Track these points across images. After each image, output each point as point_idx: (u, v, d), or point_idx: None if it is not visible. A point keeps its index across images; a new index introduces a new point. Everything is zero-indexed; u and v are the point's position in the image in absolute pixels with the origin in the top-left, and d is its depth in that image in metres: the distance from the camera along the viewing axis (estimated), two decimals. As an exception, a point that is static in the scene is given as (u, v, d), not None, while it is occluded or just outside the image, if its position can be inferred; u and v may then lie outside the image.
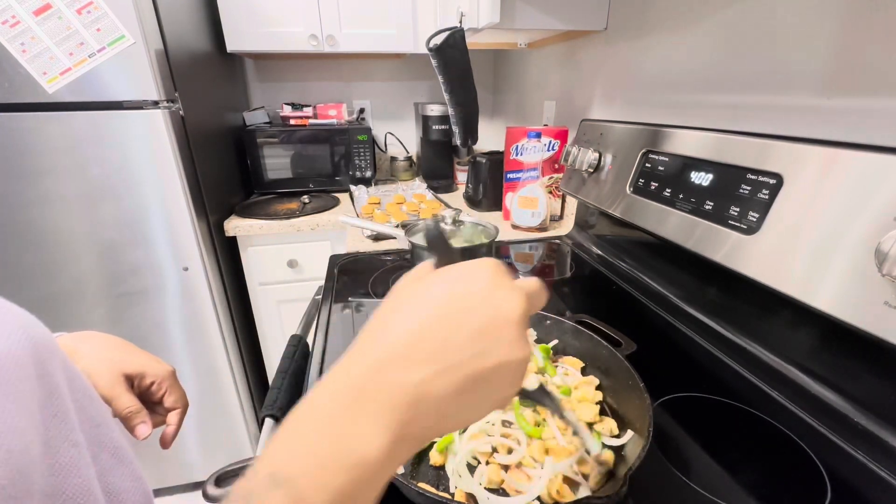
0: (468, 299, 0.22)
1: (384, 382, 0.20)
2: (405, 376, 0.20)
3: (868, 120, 0.52)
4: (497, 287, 0.23)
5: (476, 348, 0.21)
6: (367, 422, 0.19)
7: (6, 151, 1.05)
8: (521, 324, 0.23)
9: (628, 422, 0.47)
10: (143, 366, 0.49)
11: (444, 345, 0.21)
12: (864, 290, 0.44)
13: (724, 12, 0.71)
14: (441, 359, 0.21)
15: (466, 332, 0.21)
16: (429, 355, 0.21)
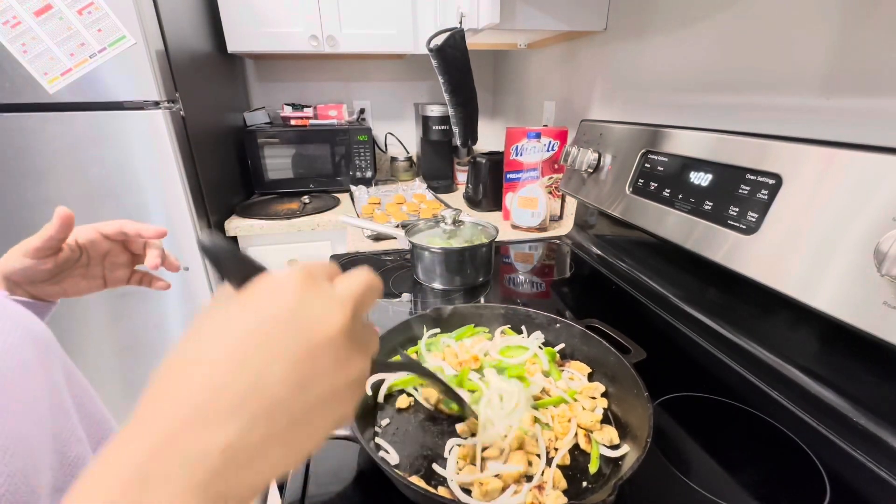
0: (273, 326, 0.18)
1: (177, 456, 0.15)
2: (206, 441, 0.15)
3: (867, 120, 0.52)
4: (306, 303, 0.19)
5: (292, 382, 0.17)
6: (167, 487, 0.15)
7: (7, 151, 1.05)
8: (343, 338, 0.19)
9: (630, 431, 0.46)
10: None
11: (252, 389, 0.17)
12: (864, 290, 0.44)
13: (724, 12, 0.71)
14: (251, 407, 0.16)
15: (279, 367, 0.17)
16: (234, 407, 0.16)
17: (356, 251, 1.07)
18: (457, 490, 0.42)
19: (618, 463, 0.45)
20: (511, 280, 0.94)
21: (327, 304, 0.19)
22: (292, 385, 0.17)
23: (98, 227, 0.46)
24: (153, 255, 0.48)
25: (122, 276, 0.50)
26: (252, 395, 0.16)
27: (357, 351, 0.20)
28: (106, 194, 1.13)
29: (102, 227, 0.46)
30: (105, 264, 0.48)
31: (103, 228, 0.46)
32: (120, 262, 0.49)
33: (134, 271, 0.51)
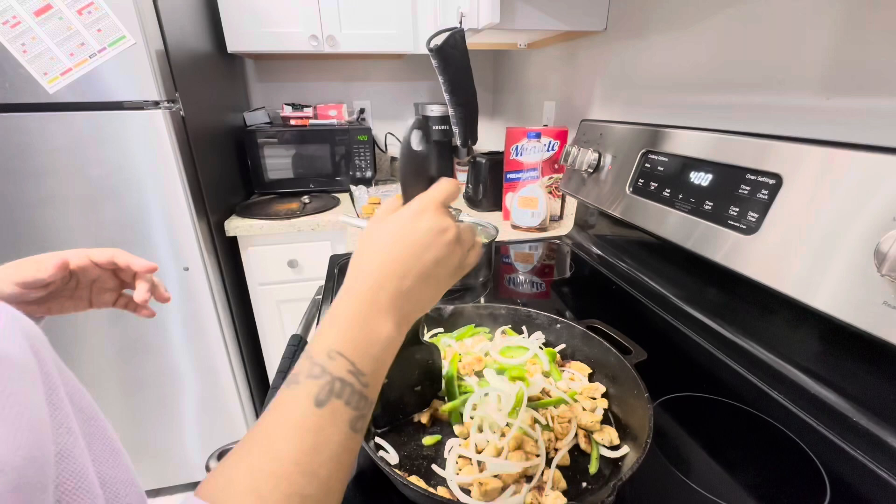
0: (425, 234, 0.32)
1: (384, 292, 0.30)
2: (396, 287, 0.31)
3: (867, 120, 0.52)
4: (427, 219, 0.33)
5: (434, 261, 0.32)
6: (382, 316, 0.30)
7: (7, 151, 1.05)
8: (450, 234, 0.33)
9: (630, 432, 0.46)
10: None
11: (408, 264, 0.31)
12: (864, 290, 0.44)
13: (724, 12, 0.71)
14: (415, 273, 0.31)
15: (429, 254, 0.32)
16: (407, 273, 0.31)
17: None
18: (456, 490, 0.42)
19: (618, 464, 0.45)
20: (511, 280, 0.94)
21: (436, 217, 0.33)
22: (434, 263, 0.32)
23: (90, 255, 0.47)
24: (142, 289, 0.49)
25: (107, 299, 0.51)
26: (409, 268, 0.31)
27: (462, 244, 0.34)
28: (106, 194, 1.13)
29: (94, 255, 0.47)
30: (93, 288, 0.49)
31: (95, 256, 0.47)
32: (107, 287, 0.50)
33: (121, 295, 0.51)
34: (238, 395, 1.44)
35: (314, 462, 0.23)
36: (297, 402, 0.25)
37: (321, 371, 0.26)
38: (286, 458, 0.23)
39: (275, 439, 0.24)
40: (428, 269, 0.32)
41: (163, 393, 1.36)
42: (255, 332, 1.52)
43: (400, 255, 0.31)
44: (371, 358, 0.28)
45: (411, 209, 0.33)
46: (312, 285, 1.10)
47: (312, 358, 0.27)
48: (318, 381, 0.25)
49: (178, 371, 1.35)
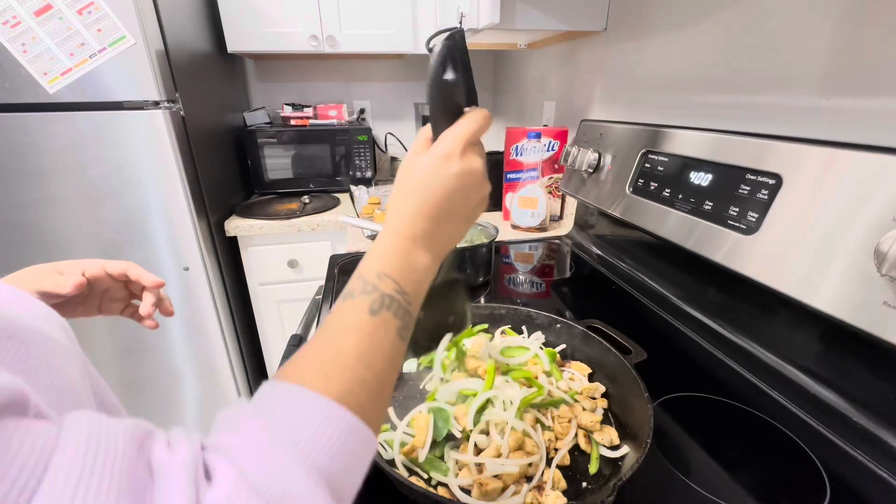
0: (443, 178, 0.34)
1: (420, 230, 0.34)
2: (428, 226, 0.34)
3: (868, 120, 0.52)
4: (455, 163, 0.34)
5: (462, 202, 0.36)
6: (419, 249, 0.34)
7: (7, 151, 1.05)
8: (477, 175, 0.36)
9: (630, 431, 0.47)
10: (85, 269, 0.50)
11: (439, 206, 0.34)
12: (864, 290, 0.44)
13: (724, 12, 0.71)
14: (441, 213, 0.34)
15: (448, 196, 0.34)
16: (435, 214, 0.34)
17: (356, 251, 1.07)
18: (456, 490, 0.42)
19: (617, 464, 0.45)
20: (511, 280, 0.94)
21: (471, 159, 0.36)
22: (462, 203, 0.36)
23: (105, 266, 0.50)
24: (148, 302, 0.52)
25: (116, 308, 0.53)
26: (445, 209, 0.34)
27: (486, 180, 0.37)
28: (106, 194, 1.13)
29: (109, 267, 0.50)
30: (103, 297, 0.52)
31: (109, 268, 0.50)
32: (118, 297, 0.53)
33: (129, 304, 0.54)
34: (238, 395, 1.44)
35: (370, 356, 0.27)
36: (355, 310, 0.29)
37: (373, 288, 0.30)
38: (349, 352, 0.27)
39: (337, 337, 0.28)
40: (456, 209, 0.35)
41: (163, 393, 1.36)
42: (255, 332, 1.52)
43: (432, 198, 0.34)
44: (412, 282, 0.32)
45: (441, 151, 0.35)
46: (312, 285, 1.10)
47: (364, 277, 0.31)
48: (370, 295, 0.30)
49: (178, 371, 1.35)
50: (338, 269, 0.96)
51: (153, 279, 0.52)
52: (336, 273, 0.94)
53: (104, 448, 0.17)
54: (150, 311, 0.51)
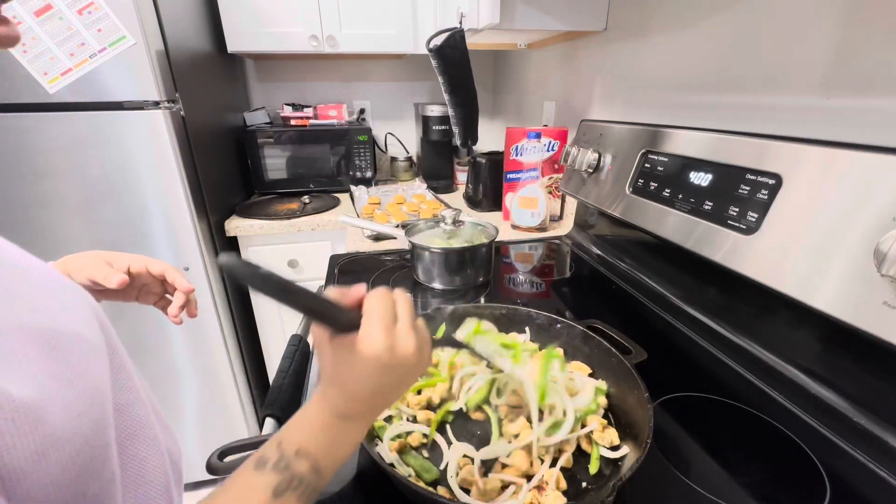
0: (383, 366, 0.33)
1: (353, 410, 0.34)
2: (369, 406, 0.34)
3: (868, 120, 0.52)
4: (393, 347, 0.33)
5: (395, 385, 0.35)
6: (353, 427, 0.34)
7: (7, 152, 1.05)
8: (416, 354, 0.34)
9: (630, 432, 0.46)
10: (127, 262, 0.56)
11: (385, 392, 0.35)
12: (864, 290, 0.44)
13: (724, 12, 0.71)
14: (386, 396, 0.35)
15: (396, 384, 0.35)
16: (380, 397, 0.35)
17: (356, 251, 1.07)
18: (456, 489, 0.42)
19: (617, 464, 0.45)
20: (511, 280, 0.94)
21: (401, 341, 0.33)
22: (395, 386, 0.35)
23: (148, 264, 0.57)
24: (176, 304, 0.58)
25: (151, 299, 0.60)
26: (392, 392, 0.35)
27: (423, 353, 0.35)
28: (106, 194, 1.13)
29: (151, 266, 0.57)
30: (141, 290, 0.59)
31: (151, 267, 0.57)
32: (154, 291, 0.60)
33: (162, 297, 0.61)
34: (238, 395, 1.44)
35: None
36: (258, 488, 0.29)
37: (286, 466, 0.30)
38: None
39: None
40: (390, 393, 0.36)
41: (163, 393, 1.36)
42: (255, 332, 1.52)
43: (365, 390, 0.33)
44: (333, 458, 0.33)
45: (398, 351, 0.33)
46: (312, 285, 1.09)
47: (282, 449, 0.31)
48: (281, 474, 0.30)
49: (178, 371, 1.35)
50: (338, 269, 0.96)
51: (186, 285, 0.58)
52: (336, 273, 0.94)
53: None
54: (177, 311, 0.58)
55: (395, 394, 0.36)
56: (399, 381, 0.35)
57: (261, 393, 1.59)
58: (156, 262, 0.57)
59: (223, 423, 1.46)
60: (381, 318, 0.33)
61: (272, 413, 0.58)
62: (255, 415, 1.53)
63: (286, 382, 0.65)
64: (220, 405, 1.44)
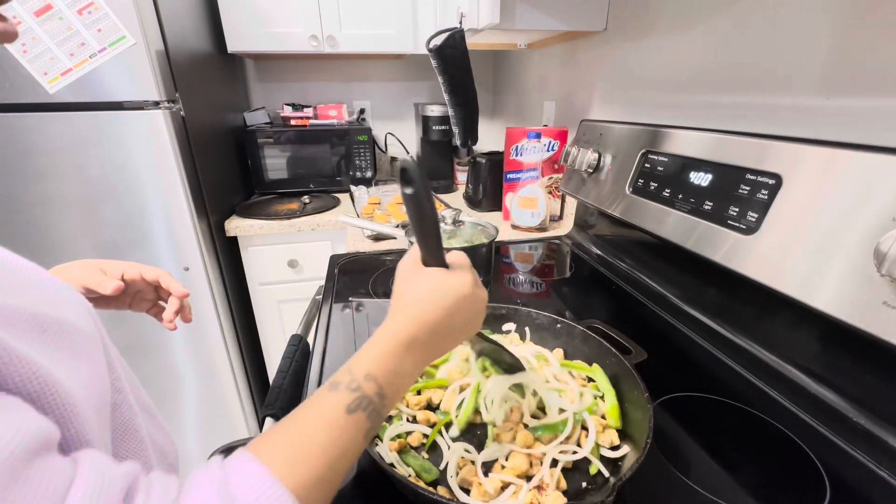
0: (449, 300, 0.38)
1: (417, 341, 0.36)
2: (426, 338, 0.37)
3: (868, 120, 0.52)
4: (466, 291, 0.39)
5: (457, 320, 0.38)
6: (411, 358, 0.36)
7: (7, 151, 1.05)
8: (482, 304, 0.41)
9: (630, 432, 0.47)
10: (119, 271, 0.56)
11: (441, 323, 0.37)
12: (864, 290, 0.44)
13: (724, 13, 0.71)
14: (441, 329, 0.37)
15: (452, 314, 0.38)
16: (435, 329, 0.37)
17: (356, 251, 1.07)
18: (456, 489, 0.42)
19: (618, 464, 0.45)
20: (511, 280, 0.94)
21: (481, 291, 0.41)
22: (462, 323, 0.39)
23: (142, 271, 0.57)
24: (171, 309, 0.58)
25: (144, 306, 0.60)
26: (445, 326, 0.38)
27: (479, 300, 0.40)
28: (106, 194, 1.13)
29: (145, 273, 0.57)
30: (135, 296, 0.59)
31: (146, 274, 0.57)
32: (148, 298, 0.60)
33: (155, 304, 0.61)
34: (238, 395, 1.44)
35: (335, 453, 0.29)
36: (334, 406, 0.31)
37: (357, 387, 0.32)
38: (318, 445, 0.29)
39: (312, 427, 0.30)
40: (455, 327, 0.38)
41: (163, 393, 1.36)
42: (255, 332, 1.52)
43: (434, 315, 0.37)
44: (395, 386, 0.35)
45: (453, 278, 0.39)
46: (312, 285, 1.10)
47: (353, 373, 0.33)
48: (353, 393, 0.32)
49: (178, 371, 1.35)
50: (338, 269, 0.96)
51: (180, 290, 0.59)
52: (336, 273, 0.94)
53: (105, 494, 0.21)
54: (171, 316, 0.58)
55: (457, 334, 0.39)
56: (465, 322, 0.39)
57: (261, 393, 1.59)
58: (150, 268, 0.57)
59: (223, 424, 1.46)
60: (472, 269, 0.40)
61: (272, 413, 0.58)
62: (255, 415, 1.53)
63: (286, 382, 0.65)
64: (220, 405, 1.44)
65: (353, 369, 0.33)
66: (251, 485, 0.25)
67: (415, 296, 0.38)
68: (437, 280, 0.38)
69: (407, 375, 0.36)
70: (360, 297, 0.84)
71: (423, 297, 0.37)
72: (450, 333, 0.38)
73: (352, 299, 0.83)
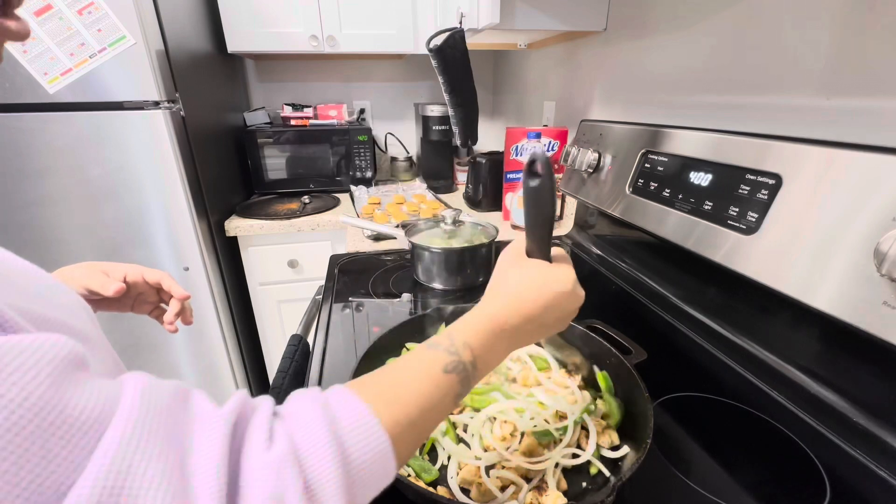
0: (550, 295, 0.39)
1: (510, 325, 0.37)
2: (520, 325, 0.37)
3: (867, 120, 0.52)
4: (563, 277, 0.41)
5: (551, 315, 0.39)
6: (502, 341, 0.37)
7: (7, 152, 1.05)
8: (578, 303, 0.42)
9: (630, 432, 0.47)
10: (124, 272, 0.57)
11: (536, 314, 0.38)
12: (864, 290, 0.44)
13: (724, 13, 0.71)
14: (534, 320, 0.38)
15: (549, 309, 0.39)
16: (530, 318, 0.38)
17: (356, 251, 1.07)
18: (456, 490, 0.42)
19: (617, 464, 0.45)
20: (511, 280, 0.94)
21: (580, 290, 0.42)
22: (555, 319, 0.40)
23: (144, 273, 0.57)
24: (172, 311, 0.59)
25: (146, 309, 0.61)
26: (539, 318, 0.38)
27: (578, 298, 0.42)
28: (106, 194, 1.13)
29: (147, 275, 0.57)
30: (137, 299, 0.59)
31: (147, 276, 0.57)
32: (149, 300, 0.60)
33: (157, 307, 0.61)
34: (238, 395, 1.44)
35: (427, 404, 0.31)
36: (434, 362, 0.33)
37: (455, 351, 0.34)
38: (414, 392, 0.31)
39: (411, 376, 0.32)
40: (548, 321, 0.39)
41: (163, 393, 1.36)
42: (255, 332, 1.52)
43: (532, 306, 0.38)
44: (485, 362, 0.36)
45: (557, 274, 0.40)
46: (312, 285, 1.10)
47: (453, 338, 0.35)
48: (451, 356, 0.33)
49: (178, 371, 1.35)
50: (338, 269, 0.96)
51: (181, 292, 0.59)
52: (336, 273, 0.94)
53: (155, 401, 0.22)
54: (172, 318, 0.59)
55: (547, 328, 0.40)
56: (558, 319, 0.40)
57: (261, 393, 1.58)
58: (151, 270, 0.58)
59: (223, 423, 1.46)
60: (572, 266, 0.42)
61: (272, 413, 0.58)
62: (255, 415, 1.53)
63: (286, 382, 0.65)
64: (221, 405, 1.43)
65: (453, 336, 0.35)
66: (350, 410, 0.27)
67: (518, 285, 0.39)
68: (542, 272, 0.40)
69: (495, 357, 0.37)
70: (360, 297, 0.84)
71: (526, 287, 0.39)
72: (540, 326, 0.39)
73: (352, 299, 0.83)
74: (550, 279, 0.39)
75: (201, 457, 0.21)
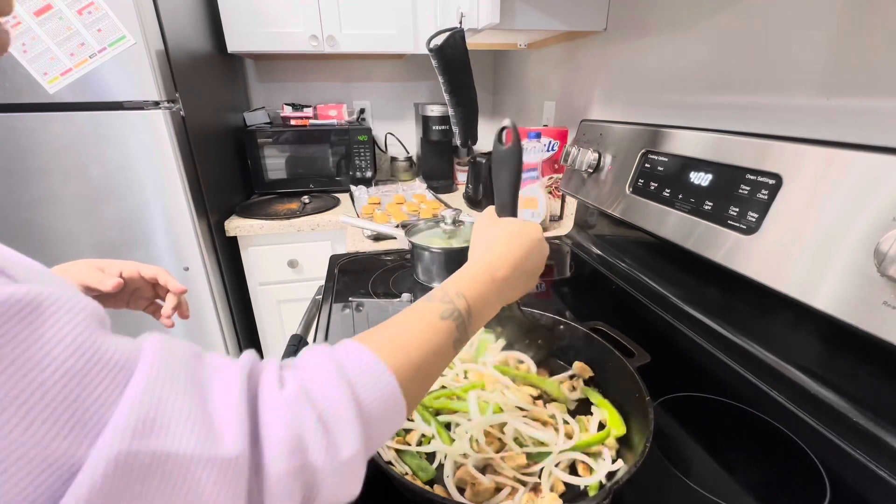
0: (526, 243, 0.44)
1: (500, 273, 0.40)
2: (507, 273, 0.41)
3: (868, 120, 0.52)
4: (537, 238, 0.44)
5: (531, 263, 0.43)
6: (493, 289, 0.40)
7: (7, 151, 1.05)
8: (546, 249, 0.46)
9: (629, 434, 0.46)
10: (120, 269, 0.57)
11: (519, 260, 0.42)
12: (864, 290, 0.44)
13: (724, 13, 0.71)
14: (518, 267, 0.42)
15: (526, 256, 0.43)
16: (514, 265, 0.42)
17: (356, 251, 1.07)
18: (452, 489, 0.42)
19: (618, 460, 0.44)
20: (511, 280, 0.94)
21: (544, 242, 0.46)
22: (533, 266, 0.44)
23: (139, 269, 0.58)
24: (169, 305, 0.59)
25: (142, 304, 0.61)
26: (521, 264, 0.42)
27: (547, 248, 0.46)
28: (106, 194, 1.13)
29: (143, 270, 0.58)
30: (133, 294, 0.59)
31: (143, 271, 0.58)
32: (145, 296, 0.61)
33: (153, 302, 0.62)
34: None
35: (428, 348, 0.33)
36: (430, 312, 0.35)
37: (450, 301, 0.36)
38: (414, 337, 0.33)
39: (410, 324, 0.34)
40: (528, 268, 0.43)
41: (163, 393, 1.36)
42: (255, 332, 1.52)
43: (515, 254, 0.42)
44: (479, 312, 0.38)
45: (528, 225, 0.45)
46: (312, 285, 1.10)
47: (446, 290, 0.38)
48: (446, 305, 0.36)
49: (178, 371, 1.35)
50: (338, 269, 0.96)
51: (178, 286, 0.60)
52: (336, 273, 0.94)
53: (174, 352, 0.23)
54: (169, 312, 0.60)
55: (527, 278, 0.44)
56: (535, 267, 0.44)
57: (261, 393, 1.58)
58: (147, 266, 0.58)
59: (223, 423, 1.46)
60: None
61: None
62: (255, 415, 1.53)
63: (286, 382, 0.65)
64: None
65: (446, 288, 0.38)
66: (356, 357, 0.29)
67: (500, 237, 0.43)
68: (517, 225, 0.45)
69: (489, 306, 0.40)
70: (360, 297, 0.84)
71: (507, 237, 0.43)
72: (522, 275, 0.43)
73: (352, 299, 0.83)
74: (525, 230, 0.44)
75: (222, 398, 0.23)
